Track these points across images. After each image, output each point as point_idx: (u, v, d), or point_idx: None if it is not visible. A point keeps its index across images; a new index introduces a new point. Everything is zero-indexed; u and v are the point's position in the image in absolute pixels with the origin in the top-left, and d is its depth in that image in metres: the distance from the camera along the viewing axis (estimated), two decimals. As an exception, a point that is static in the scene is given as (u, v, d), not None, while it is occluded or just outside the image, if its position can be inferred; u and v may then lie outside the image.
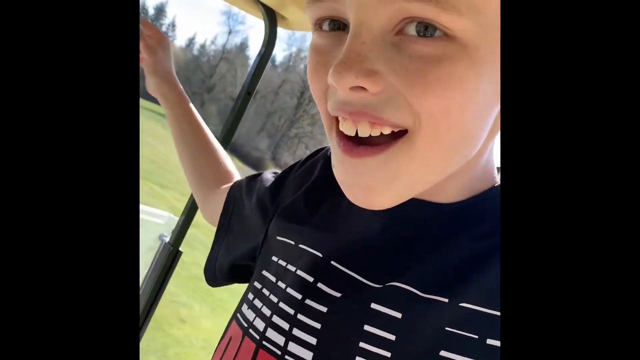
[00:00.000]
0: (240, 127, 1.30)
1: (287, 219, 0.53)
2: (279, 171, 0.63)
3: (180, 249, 1.31)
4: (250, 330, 0.46)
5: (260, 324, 0.45)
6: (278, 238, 0.52)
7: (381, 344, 0.39)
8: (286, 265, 0.48)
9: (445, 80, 0.33)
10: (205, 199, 0.76)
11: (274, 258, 0.51)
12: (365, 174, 0.37)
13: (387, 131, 0.36)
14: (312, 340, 0.41)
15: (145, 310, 1.30)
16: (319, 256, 0.46)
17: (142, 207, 1.30)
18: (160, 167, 11.10)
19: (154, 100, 0.81)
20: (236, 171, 0.78)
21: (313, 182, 0.54)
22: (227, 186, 0.71)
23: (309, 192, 0.53)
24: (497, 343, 0.36)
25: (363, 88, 0.35)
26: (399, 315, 0.39)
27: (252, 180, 0.66)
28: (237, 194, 0.67)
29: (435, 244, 0.42)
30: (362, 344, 0.39)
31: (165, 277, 1.28)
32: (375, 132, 0.37)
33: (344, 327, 0.41)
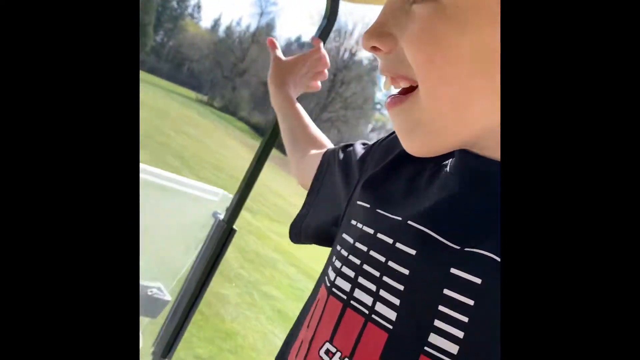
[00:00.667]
0: (273, 112, 1.28)
1: (368, 186, 0.56)
2: (370, 142, 0.67)
3: (234, 227, 1.29)
4: (335, 290, 0.49)
5: (345, 285, 0.48)
6: (358, 203, 0.56)
7: (460, 309, 0.39)
8: (364, 227, 0.51)
9: (426, 35, 0.41)
10: (299, 161, 0.83)
11: (353, 222, 0.54)
12: (397, 121, 0.47)
13: (404, 85, 0.45)
14: (396, 302, 0.43)
15: (198, 287, 1.29)
16: (397, 219, 0.48)
17: (195, 183, 1.29)
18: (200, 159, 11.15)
19: (188, 85, 0.84)
20: (329, 142, 0.85)
21: (397, 154, 0.58)
22: (318, 151, 0.77)
23: (391, 162, 0.57)
24: None
25: (378, 48, 0.45)
26: (478, 281, 0.39)
27: (344, 148, 0.69)
28: (330, 159, 0.71)
29: (487, 178, 0.44)
30: (441, 307, 0.40)
31: (219, 255, 1.27)
32: (397, 86, 0.47)
33: (425, 290, 0.42)
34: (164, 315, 1.43)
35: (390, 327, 0.42)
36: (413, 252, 0.44)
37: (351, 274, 0.48)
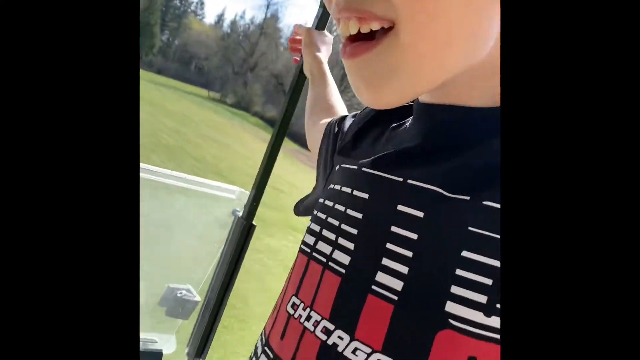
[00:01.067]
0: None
1: (341, 152, 0.57)
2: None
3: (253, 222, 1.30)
4: (303, 247, 0.50)
5: (311, 240, 0.49)
6: (334, 169, 0.56)
7: (404, 244, 0.39)
8: (333, 186, 0.51)
9: None
10: (310, 129, 0.85)
11: (329, 186, 0.54)
12: (365, 71, 0.40)
13: (375, 27, 0.38)
14: (351, 246, 0.43)
15: (224, 285, 1.30)
16: (354, 168, 0.49)
17: (213, 182, 1.29)
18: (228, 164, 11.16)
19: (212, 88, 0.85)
20: (345, 111, 0.85)
21: (367, 119, 0.58)
22: (325, 120, 0.77)
23: (361, 127, 0.57)
24: None
25: None
26: (421, 214, 0.39)
27: (341, 120, 0.68)
28: (327, 132, 0.70)
29: (463, 145, 0.41)
30: (388, 245, 0.40)
31: (242, 251, 1.28)
32: (365, 29, 0.39)
33: (375, 230, 0.42)
34: (195, 316, 1.45)
35: (343, 271, 0.42)
36: (366, 195, 0.44)
37: (317, 228, 0.49)
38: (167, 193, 1.20)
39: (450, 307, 0.35)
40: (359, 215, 0.44)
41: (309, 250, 0.48)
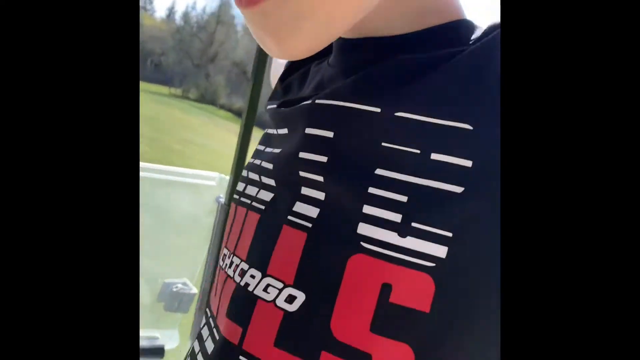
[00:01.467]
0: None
1: (271, 98, 0.53)
2: None
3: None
4: (235, 196, 0.47)
5: (241, 186, 0.47)
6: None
7: (315, 169, 0.36)
8: (267, 131, 0.48)
9: None
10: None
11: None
12: (268, 20, 0.33)
13: None
14: (272, 182, 0.41)
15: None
16: (274, 107, 0.46)
17: (192, 171, 1.29)
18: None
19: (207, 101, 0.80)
20: None
21: (290, 62, 0.55)
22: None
23: (285, 70, 0.54)
24: (445, 158, 0.31)
25: None
26: (330, 134, 0.36)
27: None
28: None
29: (371, 62, 0.38)
30: (301, 173, 0.37)
31: (231, 236, 1.29)
32: None
33: (287, 161, 0.39)
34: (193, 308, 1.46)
35: (263, 207, 0.40)
36: (285, 131, 0.42)
37: (245, 173, 0.47)
38: (150, 186, 1.20)
39: (362, 228, 0.33)
40: (277, 151, 0.42)
41: (237, 197, 0.46)
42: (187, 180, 1.25)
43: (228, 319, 0.39)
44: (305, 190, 0.37)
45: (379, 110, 0.34)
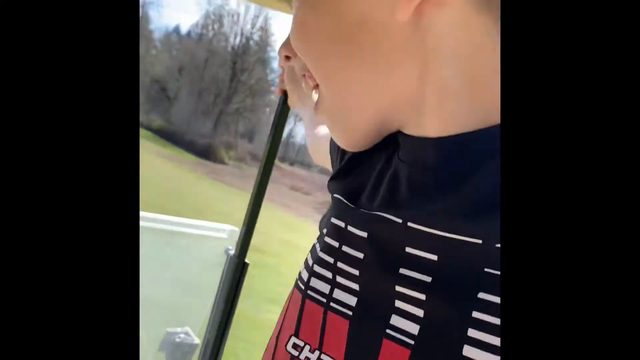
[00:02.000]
0: (175, 113, 1.25)
1: (335, 178, 0.55)
2: None
3: (246, 260, 1.30)
4: (298, 282, 0.48)
5: (305, 275, 0.47)
6: (333, 195, 0.55)
7: (416, 287, 0.38)
8: (332, 219, 0.49)
9: (292, 27, 0.43)
10: (312, 142, 0.87)
11: (328, 215, 0.52)
12: (324, 122, 0.49)
13: (313, 82, 0.47)
14: (355, 286, 0.42)
15: (222, 325, 1.30)
16: (342, 200, 0.47)
17: (204, 223, 1.30)
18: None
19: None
20: None
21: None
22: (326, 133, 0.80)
23: (354, 155, 0.57)
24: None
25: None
26: (434, 257, 0.38)
27: None
28: (331, 150, 0.67)
29: (453, 180, 0.40)
30: (397, 287, 0.39)
31: (237, 290, 1.28)
32: (310, 84, 0.52)
33: (380, 269, 0.41)
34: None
35: (350, 313, 0.41)
36: (364, 234, 0.43)
37: (310, 262, 0.47)
38: (157, 237, 1.21)
39: (468, 351, 0.34)
40: (360, 255, 0.43)
41: (303, 287, 0.47)
42: (198, 232, 1.26)
43: None
44: (400, 304, 0.38)
45: (480, 242, 0.37)
